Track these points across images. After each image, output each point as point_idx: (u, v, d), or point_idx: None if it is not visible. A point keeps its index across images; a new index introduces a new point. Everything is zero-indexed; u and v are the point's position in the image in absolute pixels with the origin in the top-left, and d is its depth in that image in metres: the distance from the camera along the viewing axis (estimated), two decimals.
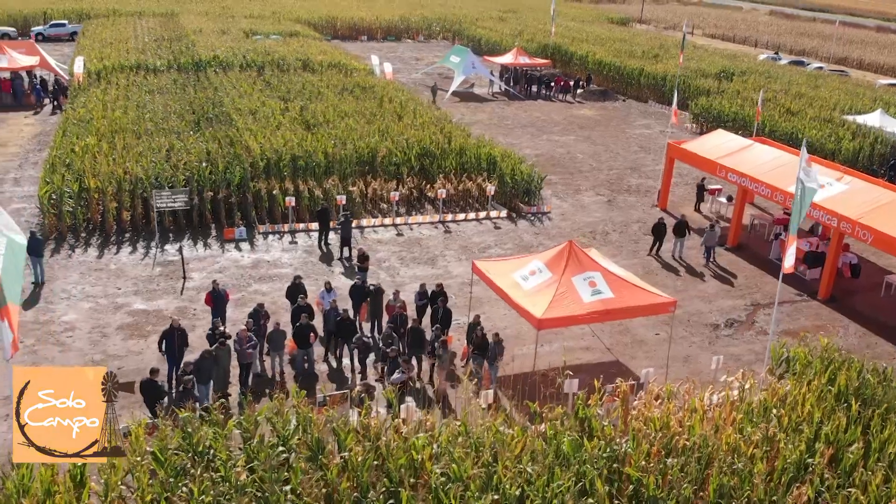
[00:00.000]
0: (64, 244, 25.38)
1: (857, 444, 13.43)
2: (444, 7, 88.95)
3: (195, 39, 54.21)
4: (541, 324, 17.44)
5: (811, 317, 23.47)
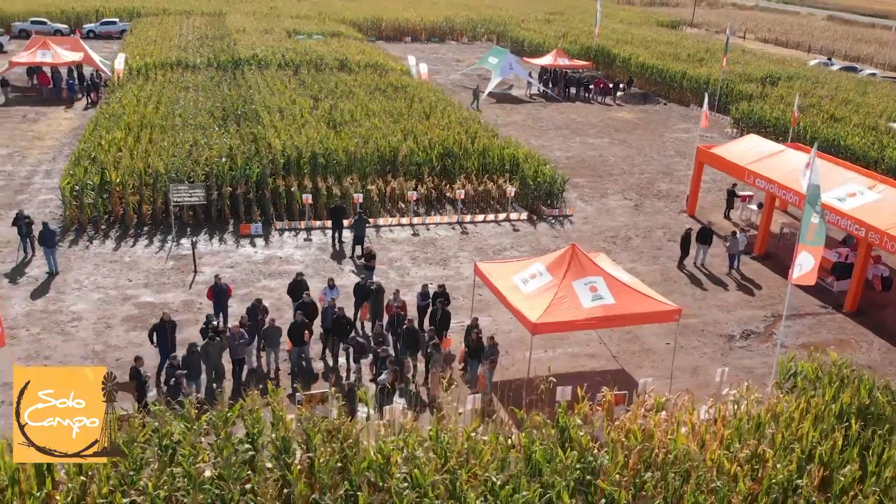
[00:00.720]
0: (84, 235, 25.77)
1: (853, 466, 12.68)
2: (491, 9, 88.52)
3: (237, 38, 54.90)
4: (535, 328, 16.98)
5: (834, 330, 22.48)
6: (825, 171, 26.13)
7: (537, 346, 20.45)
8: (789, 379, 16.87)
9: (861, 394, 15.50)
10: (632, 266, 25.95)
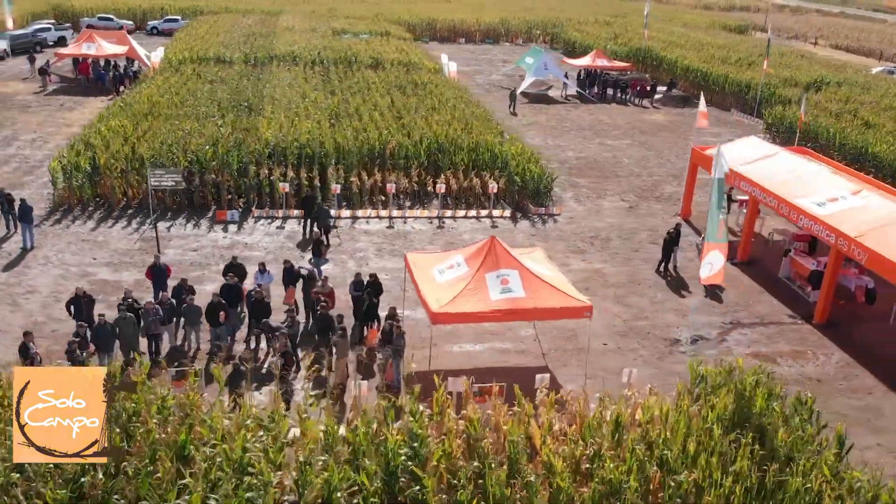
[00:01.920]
0: (69, 216, 26.91)
1: (699, 473, 12.04)
2: (551, 11, 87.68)
3: (281, 36, 56.19)
4: (436, 318, 16.82)
5: (794, 341, 21.32)
6: (812, 174, 24.99)
7: (469, 339, 20.37)
8: (699, 384, 16.12)
9: (757, 403, 14.70)
10: (601, 266, 25.39)
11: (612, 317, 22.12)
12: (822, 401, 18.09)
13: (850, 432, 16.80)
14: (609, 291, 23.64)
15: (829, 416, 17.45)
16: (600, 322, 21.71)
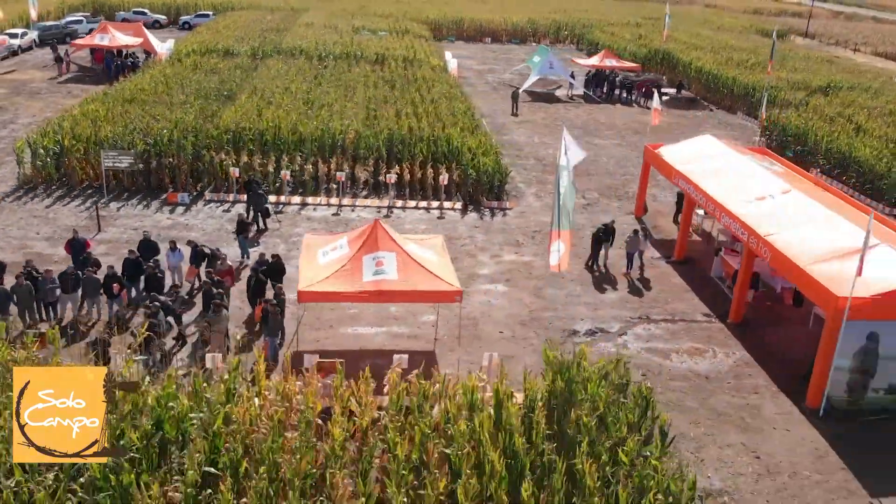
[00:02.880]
0: (31, 193, 28.22)
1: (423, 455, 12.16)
2: (585, 12, 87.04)
3: (296, 32, 57.38)
4: (301, 296, 17.29)
5: (699, 338, 21.04)
6: (751, 174, 24.63)
7: (367, 323, 20.73)
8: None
9: (589, 388, 14.76)
10: (530, 259, 25.46)
11: (522, 307, 22.19)
12: (701, 397, 18.06)
13: (720, 429, 16.84)
14: (529, 283, 23.68)
15: (704, 413, 17.44)
16: (507, 311, 21.88)
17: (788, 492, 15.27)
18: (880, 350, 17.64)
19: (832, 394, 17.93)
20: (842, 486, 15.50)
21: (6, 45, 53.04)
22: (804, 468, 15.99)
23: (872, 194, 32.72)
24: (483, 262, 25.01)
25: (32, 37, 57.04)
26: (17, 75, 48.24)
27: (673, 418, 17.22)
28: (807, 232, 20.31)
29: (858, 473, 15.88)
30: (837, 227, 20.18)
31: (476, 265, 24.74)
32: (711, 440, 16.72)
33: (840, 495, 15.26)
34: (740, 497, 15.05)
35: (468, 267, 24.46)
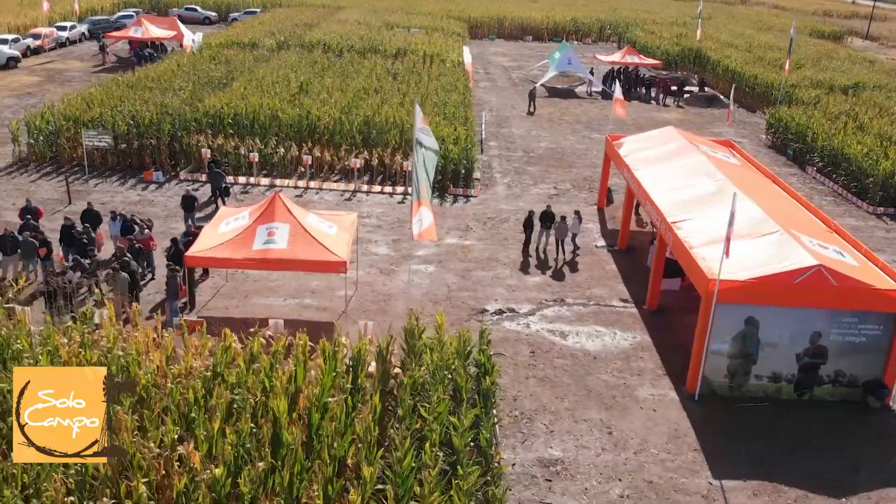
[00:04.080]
0: (23, 170, 30.33)
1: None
2: (635, 12, 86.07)
3: (325, 27, 59.04)
4: (187, 260, 18.39)
5: (603, 321, 21.15)
6: (694, 165, 24.46)
7: (283, 294, 21.68)
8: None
9: (428, 355, 15.29)
10: (471, 244, 25.96)
11: (443, 287, 22.72)
12: (579, 375, 18.38)
13: (584, 405, 17.38)
14: (460, 266, 24.16)
15: (575, 389, 17.70)
16: (426, 290, 22.47)
17: (627, 466, 15.40)
18: (761, 336, 17.47)
19: (713, 378, 17.86)
20: (686, 466, 15.52)
21: (54, 37, 56.41)
22: (654, 446, 16.06)
23: (859, 193, 31.79)
24: (423, 245, 25.51)
25: (82, 30, 60.44)
26: (57, 65, 51.35)
27: (541, 393, 17.66)
28: (712, 219, 20.16)
29: (709, 455, 15.86)
30: (745, 215, 19.94)
31: (415, 247, 25.31)
32: (570, 414, 16.94)
33: (680, 474, 15.30)
34: (576, 468, 15.28)
35: (407, 248, 25.10)
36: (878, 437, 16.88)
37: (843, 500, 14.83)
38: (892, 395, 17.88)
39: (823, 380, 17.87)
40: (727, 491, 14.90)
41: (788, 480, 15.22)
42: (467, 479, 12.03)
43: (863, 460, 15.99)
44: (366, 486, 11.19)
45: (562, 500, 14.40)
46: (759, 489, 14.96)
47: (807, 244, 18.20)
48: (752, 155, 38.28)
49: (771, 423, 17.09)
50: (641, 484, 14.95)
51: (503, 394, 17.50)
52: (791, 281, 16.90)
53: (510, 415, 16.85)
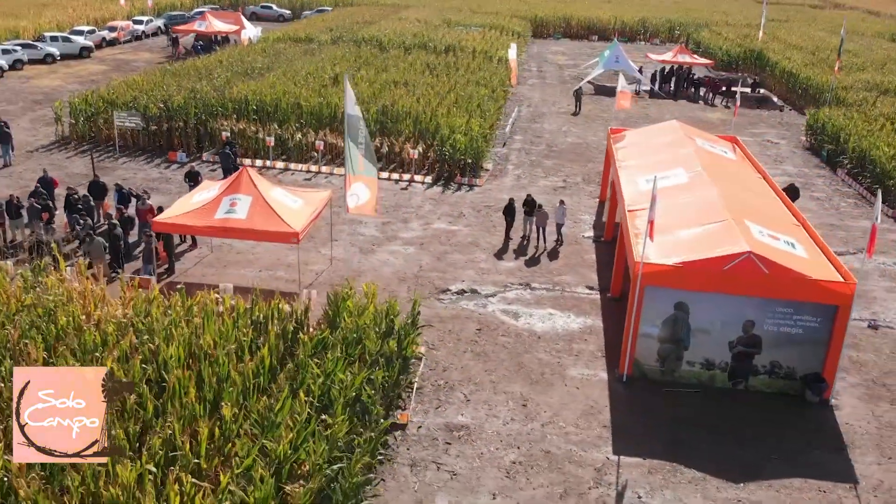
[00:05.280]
0: (63, 147, 32.82)
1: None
2: (706, 12, 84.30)
3: (383, 24, 60.64)
4: (154, 225, 19.83)
5: (561, 306, 21.43)
6: (681, 158, 24.40)
7: (260, 266, 22.94)
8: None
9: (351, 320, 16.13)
10: (457, 229, 26.57)
11: (415, 267, 23.45)
12: (517, 352, 19.00)
13: (510, 380, 18.11)
14: (439, 248, 24.84)
15: (507, 365, 18.28)
16: (396, 269, 23.28)
17: (529, 436, 15.79)
18: (691, 322, 17.48)
19: (644, 362, 17.98)
20: (589, 441, 15.78)
21: (130, 30, 60.07)
22: (564, 420, 16.38)
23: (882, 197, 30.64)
24: (410, 228, 26.39)
25: (158, 24, 64.03)
26: (128, 56, 54.75)
27: (473, 366, 18.25)
28: (670, 208, 20.17)
29: (618, 433, 16.06)
30: (701, 204, 19.94)
31: (401, 230, 26.18)
32: (493, 387, 17.41)
33: (581, 447, 15.58)
34: (478, 434, 15.77)
35: (393, 231, 25.98)
36: (808, 431, 16.61)
37: (740, 484, 14.79)
38: (832, 390, 17.53)
39: (759, 370, 17.69)
40: (622, 466, 15.10)
41: (691, 463, 15.25)
42: (336, 428, 12.78)
43: (781, 451, 15.83)
44: (225, 423, 12.11)
45: (454, 461, 14.95)
46: (656, 468, 15.09)
47: (752, 233, 18.07)
48: (786, 156, 37.70)
49: (697, 410, 17.08)
50: (538, 453, 15.32)
51: (435, 364, 18.19)
52: (720, 267, 16.88)
53: (434, 383, 17.46)
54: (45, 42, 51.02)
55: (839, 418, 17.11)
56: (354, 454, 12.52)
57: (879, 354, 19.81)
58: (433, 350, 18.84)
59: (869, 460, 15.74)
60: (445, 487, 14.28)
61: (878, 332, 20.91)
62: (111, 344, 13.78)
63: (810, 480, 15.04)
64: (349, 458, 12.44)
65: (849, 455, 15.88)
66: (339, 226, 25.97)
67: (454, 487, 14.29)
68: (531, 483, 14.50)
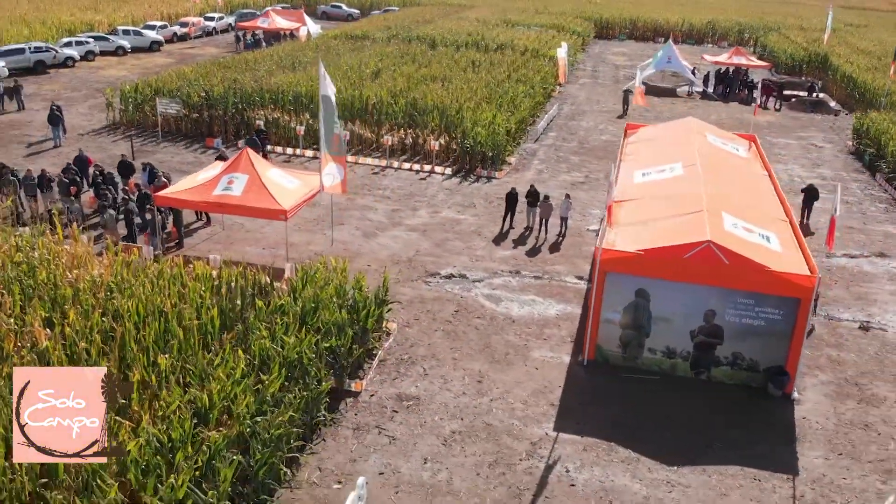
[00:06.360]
0: (111, 131, 35.03)
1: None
2: (780, 16, 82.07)
3: (441, 23, 61.72)
4: (156, 200, 21.20)
5: (544, 293, 21.77)
6: (686, 154, 24.40)
7: (263, 244, 24.14)
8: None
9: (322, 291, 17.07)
10: (463, 218, 27.22)
11: (411, 251, 24.20)
12: (487, 333, 19.61)
13: (473, 358, 18.68)
14: (440, 235, 25.51)
15: (475, 344, 18.97)
16: (392, 252, 24.10)
17: (475, 410, 16.32)
18: (652, 309, 17.65)
19: (606, 347, 18.23)
20: (533, 417, 16.19)
21: (201, 26, 62.93)
22: (514, 397, 16.83)
23: None
24: (418, 216, 27.16)
25: (229, 21, 66.79)
26: (195, 50, 57.42)
27: (440, 343, 18.93)
28: (656, 199, 20.34)
29: (563, 412, 16.40)
30: (685, 196, 20.01)
31: (408, 217, 26.97)
32: (454, 364, 18.00)
33: (523, 422, 16.01)
34: (427, 405, 16.40)
35: (401, 217, 26.81)
36: (761, 423, 16.55)
37: (673, 467, 14.95)
38: (795, 384, 17.41)
39: (721, 361, 17.69)
40: (559, 442, 15.47)
41: (629, 444, 15.48)
42: (268, 385, 13.67)
43: (727, 440, 15.87)
44: (160, 371, 13.16)
45: (396, 427, 15.63)
46: (592, 446, 15.40)
47: (723, 224, 18.09)
48: (827, 159, 36.86)
49: (653, 396, 17.24)
50: (479, 425, 15.84)
51: (404, 340, 18.91)
52: (680, 255, 17.00)
53: (398, 357, 18.18)
54: (117, 35, 54.09)
55: (798, 413, 16.98)
56: (280, 409, 13.36)
57: (862, 355, 19.44)
58: (407, 328, 19.54)
59: (816, 454, 15.63)
60: (381, 450, 14.97)
61: (867, 334, 20.47)
62: (81, 299, 15.04)
63: (748, 469, 15.05)
64: (274, 413, 13.28)
65: (796, 449, 15.79)
66: (350, 210, 27.04)
67: (389, 451, 14.97)
68: (464, 451, 15.04)
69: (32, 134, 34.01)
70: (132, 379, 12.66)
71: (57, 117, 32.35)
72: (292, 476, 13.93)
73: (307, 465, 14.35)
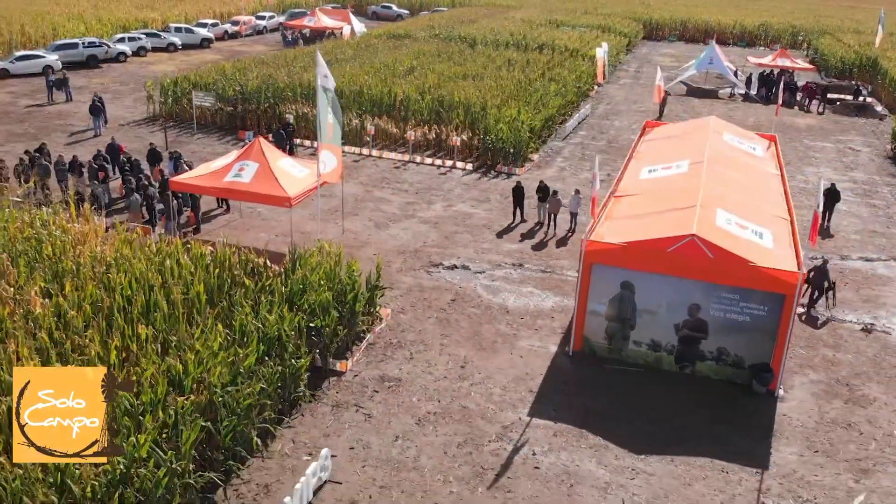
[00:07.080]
0: (150, 123, 36.47)
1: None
2: (836, 19, 79.96)
3: (485, 23, 62.10)
4: (171, 185, 22.18)
5: (543, 286, 22.04)
6: (698, 151, 24.36)
7: (275, 232, 24.96)
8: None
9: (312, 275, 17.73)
10: (475, 212, 27.62)
11: (418, 241, 24.70)
12: (480, 323, 19.96)
13: (461, 345, 19.21)
14: (450, 228, 25.95)
15: (466, 332, 19.38)
16: (400, 242, 24.66)
17: (454, 393, 16.72)
18: (637, 302, 17.78)
19: (592, 339, 18.42)
20: (509, 402, 16.51)
21: (252, 25, 64.64)
22: (494, 382, 17.17)
23: None
24: (432, 209, 27.65)
25: (279, 19, 68.42)
26: (244, 48, 59.00)
27: (431, 330, 19.46)
28: (654, 194, 20.42)
29: (541, 398, 16.69)
30: (682, 193, 20.03)
31: (422, 209, 27.48)
32: (442, 349, 18.43)
33: (499, 407, 16.34)
34: (407, 387, 16.87)
35: (414, 210, 27.35)
36: (740, 418, 16.53)
37: (641, 456, 15.10)
38: (780, 381, 17.33)
39: (706, 355, 17.72)
40: (530, 427, 15.76)
41: (600, 432, 15.68)
42: (243, 359, 14.34)
43: (701, 433, 15.91)
44: (141, 341, 13.95)
45: (374, 406, 16.15)
46: (562, 431, 15.66)
47: (715, 219, 18.11)
48: (863, 163, 36.11)
49: (634, 388, 17.36)
50: (455, 407, 16.24)
51: (396, 325, 19.42)
52: (664, 248, 17.10)
53: (388, 341, 18.70)
54: (169, 32, 56.02)
55: (780, 410, 16.91)
56: (251, 380, 14.01)
57: (859, 356, 19.18)
58: (401, 314, 20.05)
59: (791, 451, 15.58)
60: (356, 426, 15.51)
61: (869, 336, 20.17)
62: (81, 273, 15.98)
63: (717, 461, 15.11)
64: (244, 384, 13.93)
65: (771, 444, 15.75)
66: (366, 202, 27.71)
67: (363, 428, 15.49)
68: (436, 431, 15.46)
69: (76, 124, 35.64)
70: (110, 344, 13.44)
71: (98, 108, 33.86)
72: (265, 447, 14.56)
73: (282, 438, 14.98)
